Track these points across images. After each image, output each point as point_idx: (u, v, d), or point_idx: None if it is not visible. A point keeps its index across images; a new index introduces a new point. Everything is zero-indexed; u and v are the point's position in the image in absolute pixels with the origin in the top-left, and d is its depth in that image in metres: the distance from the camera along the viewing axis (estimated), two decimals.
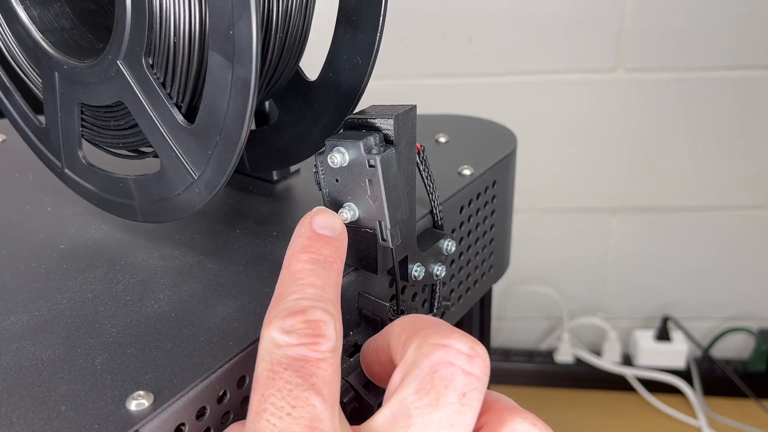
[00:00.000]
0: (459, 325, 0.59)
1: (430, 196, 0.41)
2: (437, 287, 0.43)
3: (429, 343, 0.25)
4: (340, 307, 0.27)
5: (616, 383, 1.25)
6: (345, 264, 0.37)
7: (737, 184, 1.15)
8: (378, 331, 0.32)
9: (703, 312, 1.26)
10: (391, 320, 0.35)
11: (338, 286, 0.29)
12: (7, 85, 0.43)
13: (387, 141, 0.34)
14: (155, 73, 0.34)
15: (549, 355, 1.29)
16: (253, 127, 0.46)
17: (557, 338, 1.28)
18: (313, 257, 0.28)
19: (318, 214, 0.31)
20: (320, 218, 0.30)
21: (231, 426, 0.27)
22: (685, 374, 1.23)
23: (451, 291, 0.47)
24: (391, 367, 0.27)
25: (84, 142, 0.41)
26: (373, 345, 0.30)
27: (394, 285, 0.40)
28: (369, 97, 0.40)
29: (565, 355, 1.26)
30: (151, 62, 0.33)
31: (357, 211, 0.34)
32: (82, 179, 0.41)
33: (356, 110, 0.37)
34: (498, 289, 1.21)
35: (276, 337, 0.25)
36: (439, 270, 0.40)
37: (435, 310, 0.43)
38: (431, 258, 0.40)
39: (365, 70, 0.38)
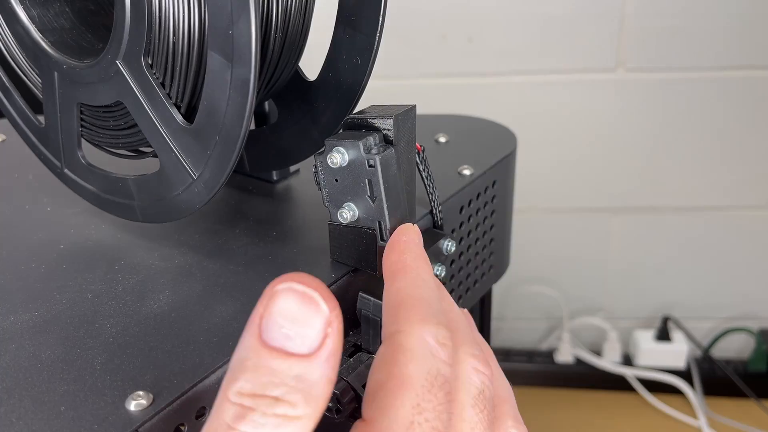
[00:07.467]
0: None
1: (430, 196, 0.41)
2: None
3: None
4: None
5: (616, 383, 1.25)
6: (345, 264, 0.37)
7: (737, 184, 1.15)
8: (378, 332, 0.31)
9: (703, 312, 1.26)
10: None
11: None
12: (7, 85, 0.43)
13: (387, 141, 0.34)
14: (154, 73, 0.34)
15: (549, 355, 1.29)
16: (253, 127, 0.46)
17: (557, 338, 1.28)
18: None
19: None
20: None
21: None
22: (685, 374, 1.23)
23: (451, 291, 0.47)
24: None
25: (83, 142, 0.41)
26: None
27: None
28: (369, 97, 0.40)
29: (565, 355, 1.26)
30: (150, 62, 0.33)
31: (357, 211, 0.34)
32: (81, 179, 0.41)
33: (356, 110, 0.37)
34: (498, 289, 1.21)
35: (432, 344, 0.24)
36: (439, 270, 0.40)
37: None
38: (431, 258, 0.40)
39: (365, 70, 0.38)
